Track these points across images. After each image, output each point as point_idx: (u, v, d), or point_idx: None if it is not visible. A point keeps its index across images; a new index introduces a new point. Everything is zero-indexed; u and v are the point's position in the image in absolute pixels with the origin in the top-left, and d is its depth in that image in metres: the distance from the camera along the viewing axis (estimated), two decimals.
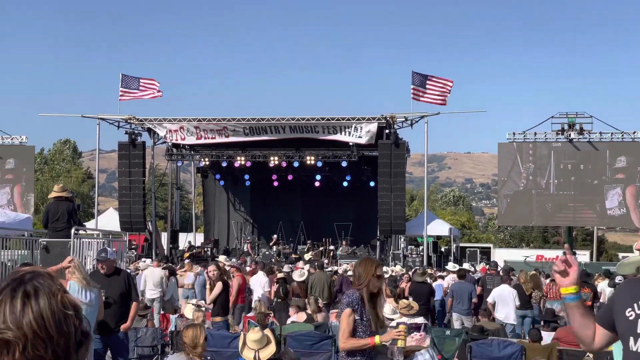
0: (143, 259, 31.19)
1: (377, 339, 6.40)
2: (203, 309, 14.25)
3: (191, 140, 40.15)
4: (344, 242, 39.81)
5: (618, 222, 44.22)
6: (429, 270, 26.47)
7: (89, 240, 16.27)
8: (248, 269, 23.86)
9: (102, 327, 10.08)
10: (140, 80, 41.50)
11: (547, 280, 22.80)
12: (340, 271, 25.77)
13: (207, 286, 14.06)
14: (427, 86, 39.02)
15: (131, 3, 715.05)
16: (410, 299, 17.50)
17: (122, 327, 10.61)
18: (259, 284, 19.39)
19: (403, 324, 7.05)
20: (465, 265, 30.69)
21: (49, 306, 1.86)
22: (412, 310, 14.22)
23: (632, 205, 41.47)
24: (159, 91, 41.81)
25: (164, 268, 21.10)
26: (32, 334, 1.83)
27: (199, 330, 7.54)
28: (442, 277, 24.55)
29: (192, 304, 14.26)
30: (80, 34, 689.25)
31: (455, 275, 22.37)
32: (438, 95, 39.24)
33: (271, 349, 8.40)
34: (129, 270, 18.14)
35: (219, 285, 13.00)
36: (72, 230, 14.38)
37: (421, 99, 39.03)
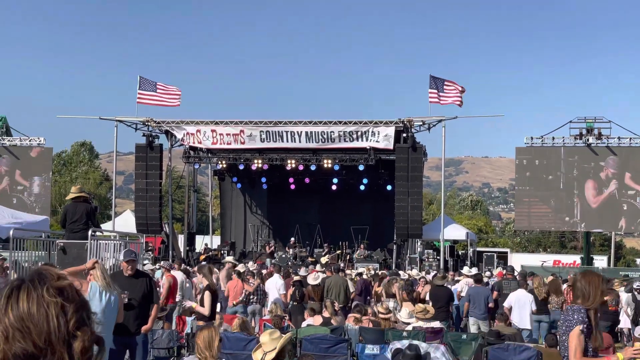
0: (145, 258, 31.19)
1: (620, 356, 5.86)
2: (218, 311, 14.26)
3: (207, 144, 40.24)
4: (361, 246, 39.72)
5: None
6: (449, 275, 26.45)
7: (106, 241, 16.33)
8: (264, 271, 23.87)
9: (123, 328, 10.10)
10: (157, 85, 41.55)
11: (565, 286, 22.69)
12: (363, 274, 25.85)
13: (197, 295, 14.04)
14: (445, 90, 38.99)
15: (150, 5, 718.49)
16: (430, 303, 17.47)
17: (143, 328, 10.61)
18: (275, 287, 19.38)
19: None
20: (474, 270, 30.60)
21: (27, 307, 1.98)
22: (429, 314, 14.17)
23: None
24: (178, 100, 41.82)
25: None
26: (13, 330, 1.95)
27: (213, 332, 7.52)
28: (458, 281, 24.46)
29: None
30: (98, 36, 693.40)
31: (469, 279, 22.29)
32: (454, 97, 39.19)
33: (275, 350, 8.41)
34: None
35: (208, 295, 12.90)
36: (90, 232, 14.43)
37: (439, 101, 38.97)
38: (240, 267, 21.49)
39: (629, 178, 41.74)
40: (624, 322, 20.47)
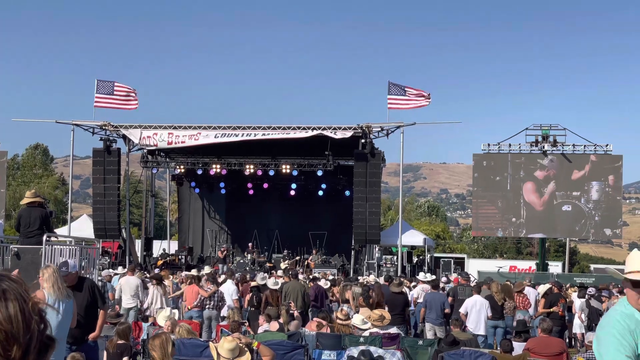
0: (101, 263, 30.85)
1: None
2: (175, 317, 14.19)
3: (163, 145, 39.90)
4: (314, 251, 39.73)
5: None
6: (405, 281, 26.52)
7: (61, 247, 16.14)
8: (223, 276, 23.75)
9: (72, 337, 9.90)
10: (115, 85, 41.10)
11: None
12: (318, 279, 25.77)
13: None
14: (406, 95, 39.10)
15: (107, 8, 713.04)
16: (386, 308, 17.55)
17: (91, 336, 10.35)
18: (228, 293, 19.26)
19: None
20: (429, 276, 30.76)
21: (19, 309, 1.86)
22: (385, 320, 14.23)
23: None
24: (134, 102, 41.41)
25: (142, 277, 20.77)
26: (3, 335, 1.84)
27: (165, 339, 7.46)
28: (414, 287, 24.58)
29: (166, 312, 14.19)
30: (54, 39, 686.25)
31: (424, 285, 22.43)
32: (415, 103, 39.29)
33: (247, 356, 8.39)
34: (99, 278, 18.03)
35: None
36: (44, 237, 14.23)
37: (399, 107, 39.10)
38: (204, 271, 21.38)
39: (578, 183, 42.64)
40: (578, 328, 20.74)
